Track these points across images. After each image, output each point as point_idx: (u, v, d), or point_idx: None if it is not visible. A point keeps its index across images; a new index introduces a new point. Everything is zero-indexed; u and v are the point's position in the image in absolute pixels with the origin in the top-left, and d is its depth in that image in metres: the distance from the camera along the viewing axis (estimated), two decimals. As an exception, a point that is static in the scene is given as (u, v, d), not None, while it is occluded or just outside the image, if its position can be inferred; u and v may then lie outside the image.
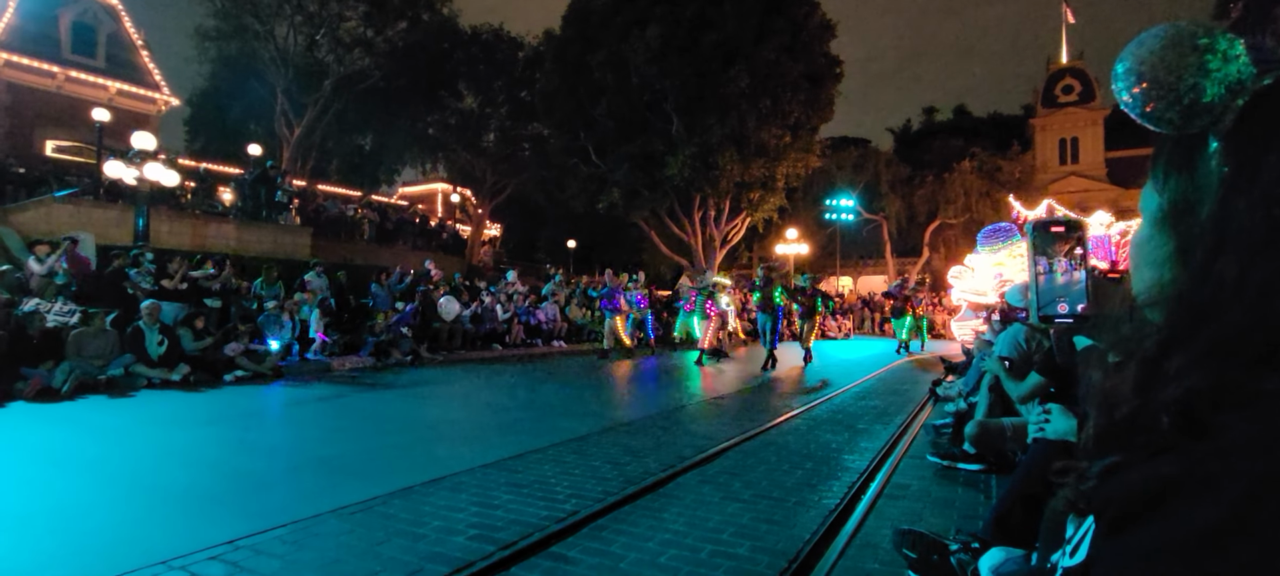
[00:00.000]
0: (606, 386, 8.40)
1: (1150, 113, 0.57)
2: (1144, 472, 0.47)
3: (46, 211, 12.20)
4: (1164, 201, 0.59)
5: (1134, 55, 0.58)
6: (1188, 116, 0.53)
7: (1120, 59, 0.59)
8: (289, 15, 22.01)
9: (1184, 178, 0.56)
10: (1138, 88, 0.57)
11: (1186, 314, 0.51)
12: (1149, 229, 0.63)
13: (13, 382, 6.63)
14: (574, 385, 8.51)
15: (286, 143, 22.97)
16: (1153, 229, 0.62)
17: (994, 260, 20.78)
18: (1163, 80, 0.54)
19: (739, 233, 24.22)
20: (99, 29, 20.54)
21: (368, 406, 6.73)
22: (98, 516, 3.14)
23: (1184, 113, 0.53)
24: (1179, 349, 0.50)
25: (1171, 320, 0.53)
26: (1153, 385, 0.51)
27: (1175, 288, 0.54)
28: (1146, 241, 0.63)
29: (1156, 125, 0.57)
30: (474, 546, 2.72)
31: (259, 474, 4.00)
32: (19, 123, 18.82)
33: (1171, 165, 0.58)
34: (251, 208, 15.72)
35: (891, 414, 6.30)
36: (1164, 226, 0.59)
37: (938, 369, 9.75)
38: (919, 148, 36.51)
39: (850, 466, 4.17)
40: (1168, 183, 0.58)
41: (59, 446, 4.79)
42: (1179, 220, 0.56)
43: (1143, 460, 0.49)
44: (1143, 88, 0.57)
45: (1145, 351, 0.55)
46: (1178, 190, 0.56)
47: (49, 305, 8.11)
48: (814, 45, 21.82)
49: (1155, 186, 0.60)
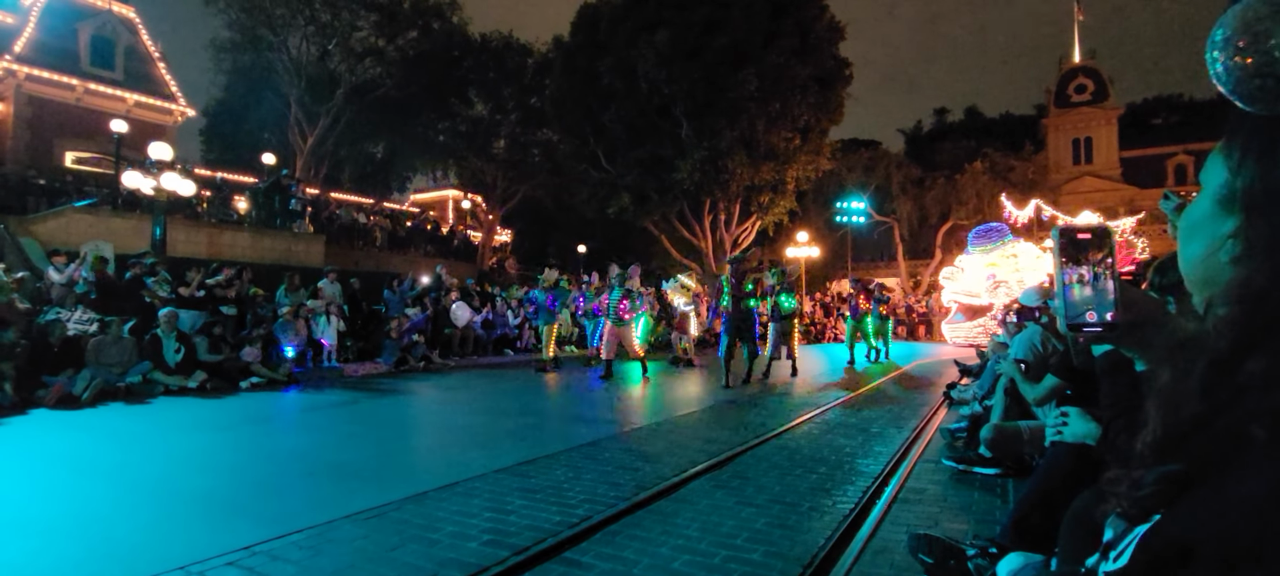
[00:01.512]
0: (618, 392, 8.39)
1: (1243, 86, 0.53)
2: (1227, 493, 0.43)
3: (66, 221, 12.40)
4: (1237, 183, 0.55)
5: (1233, 23, 0.54)
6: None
7: (1218, 26, 0.55)
8: (302, 26, 22.29)
9: (1268, 162, 0.51)
10: (1234, 58, 0.53)
11: (1268, 313, 0.47)
12: (1209, 205, 0.59)
13: (35, 390, 6.75)
14: (586, 390, 8.51)
15: (300, 151, 23.22)
16: (1214, 206, 0.58)
17: (986, 261, 20.47)
18: (1263, 51, 0.50)
19: (749, 236, 24.16)
20: (117, 42, 20.90)
21: (381, 412, 6.77)
22: (118, 522, 3.18)
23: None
24: (1260, 352, 0.46)
25: (1248, 319, 0.49)
26: (1224, 388, 0.49)
27: (1251, 284, 0.49)
28: (1204, 216, 0.60)
29: (1249, 101, 0.53)
30: (487, 551, 2.73)
31: (274, 480, 4.03)
32: (40, 135, 19.17)
33: (1255, 146, 0.54)
34: (266, 216, 15.90)
35: (906, 417, 6.25)
36: (1228, 206, 0.55)
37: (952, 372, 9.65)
38: (930, 149, 36.30)
39: (864, 471, 4.13)
40: (1245, 164, 0.54)
41: (80, 453, 4.85)
42: (1260, 208, 0.51)
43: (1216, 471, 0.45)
44: (1238, 59, 0.52)
45: (1216, 352, 0.51)
46: (1259, 175, 0.52)
47: (69, 314, 8.23)
48: (823, 48, 21.78)
49: (1228, 164, 0.56)
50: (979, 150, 31.24)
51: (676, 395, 8.18)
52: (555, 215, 29.38)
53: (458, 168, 27.98)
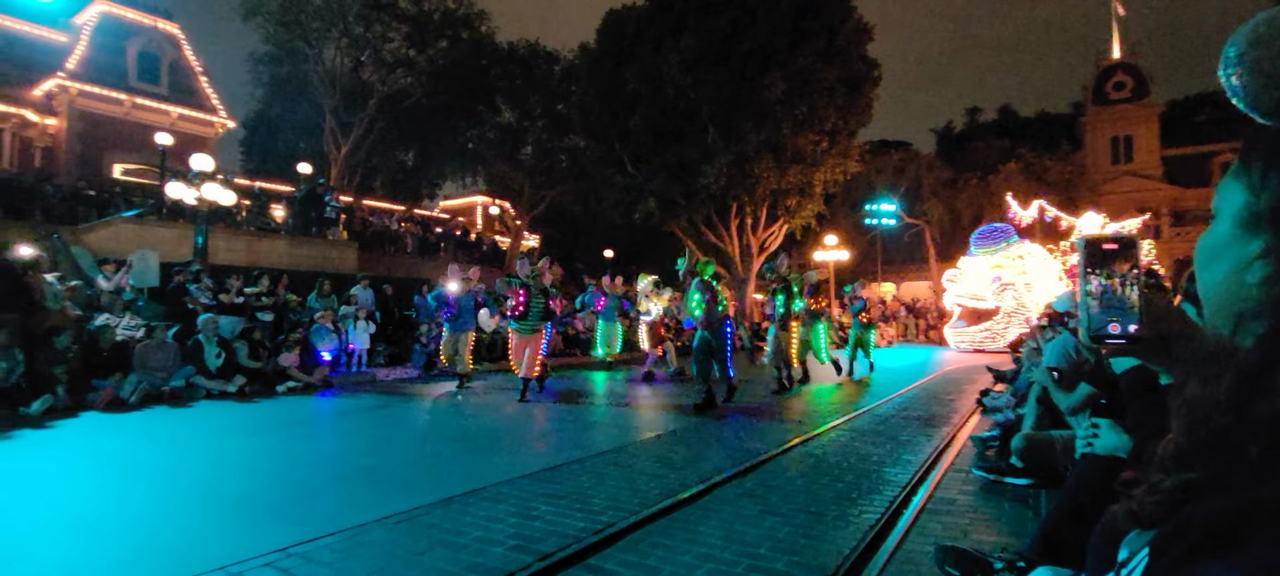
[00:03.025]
0: (643, 398, 8.41)
1: (1262, 100, 0.52)
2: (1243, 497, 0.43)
3: (115, 231, 12.93)
4: (1261, 201, 0.54)
5: (1246, 38, 0.53)
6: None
7: (1230, 42, 0.54)
8: (336, 38, 22.89)
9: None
10: (1249, 72, 0.52)
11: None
12: (1229, 227, 0.59)
13: (86, 393, 7.05)
14: (611, 395, 8.55)
15: (334, 160, 23.81)
16: (1235, 227, 0.58)
17: (990, 263, 19.87)
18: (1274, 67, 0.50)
19: (777, 239, 23.99)
20: (162, 57, 21.74)
21: (411, 416, 6.91)
22: (161, 521, 3.31)
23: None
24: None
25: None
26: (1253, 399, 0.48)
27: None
28: (1225, 241, 0.59)
29: (1270, 115, 0.52)
30: (513, 557, 2.77)
31: (308, 483, 4.15)
32: (90, 148, 20.04)
33: (1275, 162, 0.53)
34: (302, 224, 16.35)
35: (936, 425, 6.14)
36: (1252, 227, 0.54)
37: (986, 378, 9.46)
38: (962, 150, 35.61)
39: (892, 480, 4.08)
40: (1270, 180, 0.53)
41: (127, 454, 5.06)
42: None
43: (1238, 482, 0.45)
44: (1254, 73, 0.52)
45: (1245, 363, 0.51)
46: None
47: (118, 319, 8.58)
48: (850, 49, 21.55)
49: (1247, 183, 0.56)
50: (1013, 150, 30.57)
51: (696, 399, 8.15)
52: (582, 220, 29.60)
53: (486, 174, 28.41)
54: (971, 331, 19.06)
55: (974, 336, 18.91)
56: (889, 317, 25.21)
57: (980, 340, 18.64)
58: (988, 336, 18.60)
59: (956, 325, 19.82)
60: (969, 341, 18.92)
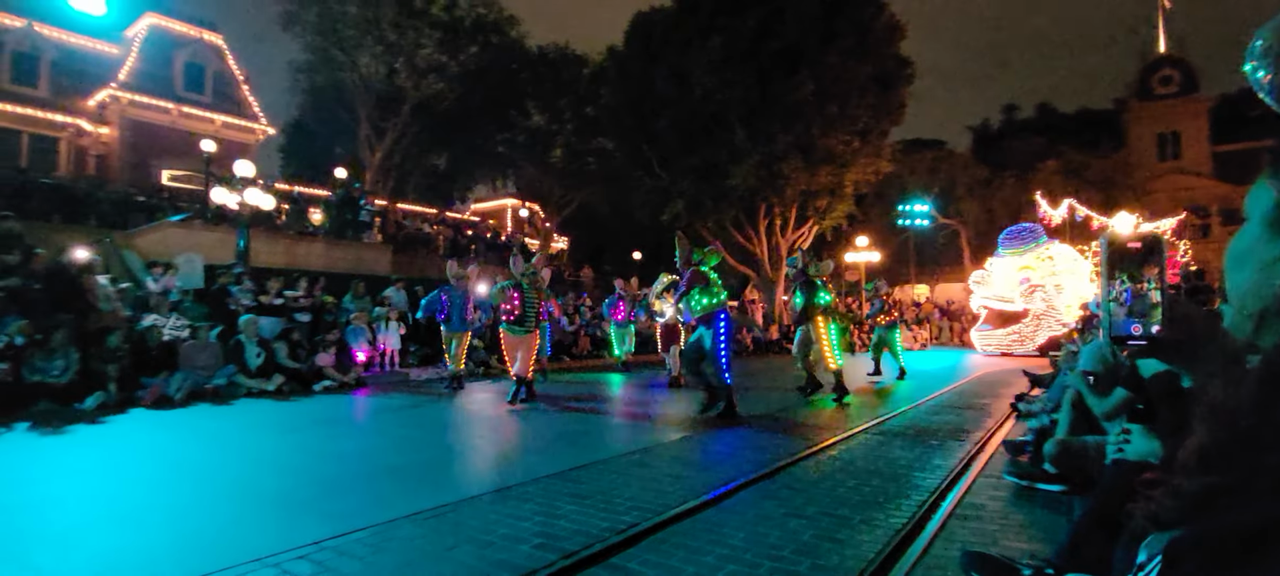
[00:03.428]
0: (669, 399, 8.42)
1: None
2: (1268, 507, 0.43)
3: (163, 235, 13.46)
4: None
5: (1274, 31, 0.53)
6: None
7: (1256, 36, 0.54)
8: (371, 45, 23.47)
9: None
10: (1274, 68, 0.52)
11: None
12: (1260, 229, 0.58)
13: (134, 391, 7.36)
14: (637, 396, 8.58)
15: (369, 165, 24.40)
16: (1264, 230, 0.57)
17: (1018, 264, 19.20)
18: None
19: (806, 241, 23.76)
20: (207, 67, 22.57)
21: (441, 416, 7.04)
22: (204, 514, 3.45)
23: None
24: None
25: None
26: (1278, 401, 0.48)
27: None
28: (1257, 243, 0.59)
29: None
30: (538, 554, 2.82)
31: (342, 479, 4.27)
32: (139, 155, 20.91)
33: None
34: (338, 227, 16.79)
35: (968, 429, 6.02)
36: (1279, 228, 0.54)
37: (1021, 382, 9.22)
38: (999, 148, 34.76)
39: (920, 484, 4.02)
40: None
41: (172, 450, 5.27)
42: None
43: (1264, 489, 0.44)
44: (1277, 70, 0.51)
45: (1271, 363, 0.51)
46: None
47: (165, 320, 8.94)
48: (882, 47, 21.25)
49: (1276, 185, 0.55)
50: (1052, 148, 29.69)
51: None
52: (610, 222, 29.75)
53: (516, 177, 28.78)
54: (998, 334, 18.53)
55: (1001, 339, 18.38)
56: (923, 320, 24.71)
57: (1008, 343, 18.11)
58: (1016, 339, 18.05)
59: (982, 328, 19.29)
60: (996, 345, 18.41)
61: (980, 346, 18.93)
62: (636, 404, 8.03)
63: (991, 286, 19.05)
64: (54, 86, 20.41)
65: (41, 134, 20.19)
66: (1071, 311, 17.64)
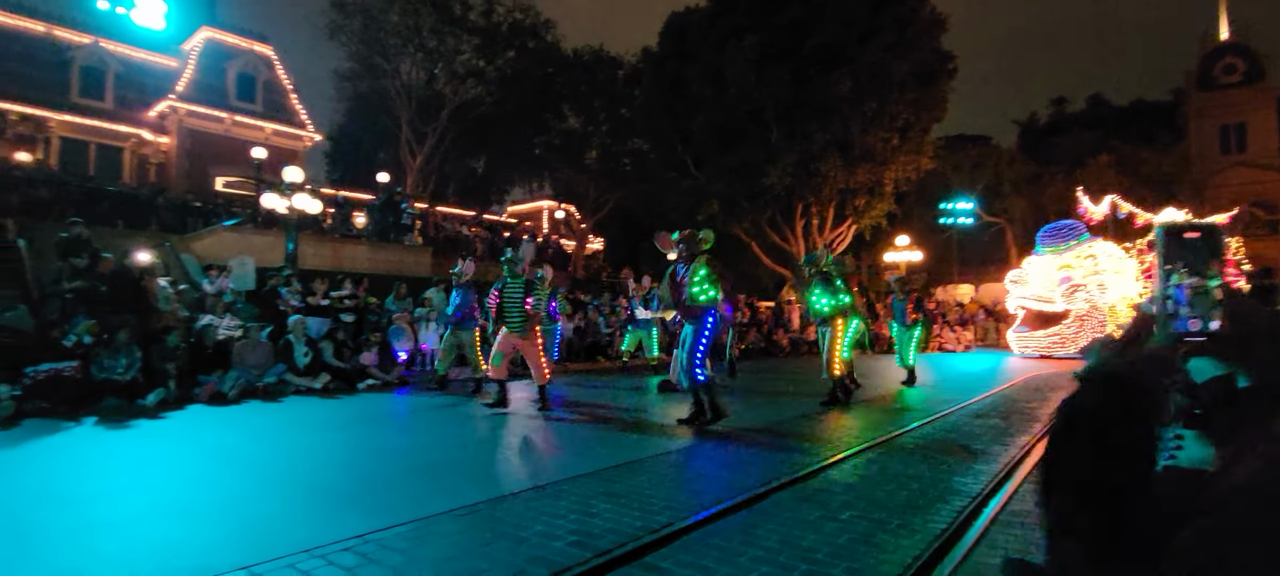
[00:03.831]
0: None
1: None
2: None
3: (217, 239, 14.05)
4: None
5: None
6: None
7: None
8: (412, 53, 24.06)
9: None
10: None
11: None
12: None
13: (191, 388, 7.72)
14: (672, 397, 8.57)
15: (410, 169, 25.00)
16: None
17: (1058, 262, 18.26)
18: None
19: (845, 241, 23.38)
20: (258, 78, 23.48)
21: (479, 414, 7.17)
22: (255, 507, 3.60)
23: None
24: None
25: None
26: None
27: None
28: None
29: None
30: (572, 552, 2.86)
31: (384, 475, 4.40)
32: (196, 162, 21.89)
33: None
34: (380, 230, 17.25)
35: (1013, 433, 5.84)
36: None
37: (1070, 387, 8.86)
38: (1047, 143, 33.56)
39: (962, 489, 3.93)
40: None
41: (226, 444, 5.52)
42: None
43: None
44: None
45: None
46: None
47: (220, 320, 9.35)
48: (923, 42, 20.76)
49: None
50: (1104, 142, 28.49)
51: (762, 405, 8.07)
52: (646, 222, 29.80)
53: (552, 179, 29.08)
54: (1037, 336, 17.73)
55: (1040, 341, 17.59)
56: (966, 321, 24.01)
57: (1048, 345, 17.31)
58: (1056, 341, 17.24)
59: (1019, 329, 18.52)
60: (1035, 347, 17.63)
61: (1017, 348, 18.21)
62: (670, 406, 8.03)
63: (1030, 286, 18.28)
64: (118, 99, 21.53)
65: (107, 144, 21.31)
66: (1116, 312, 16.86)
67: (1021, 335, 18.20)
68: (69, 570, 2.66)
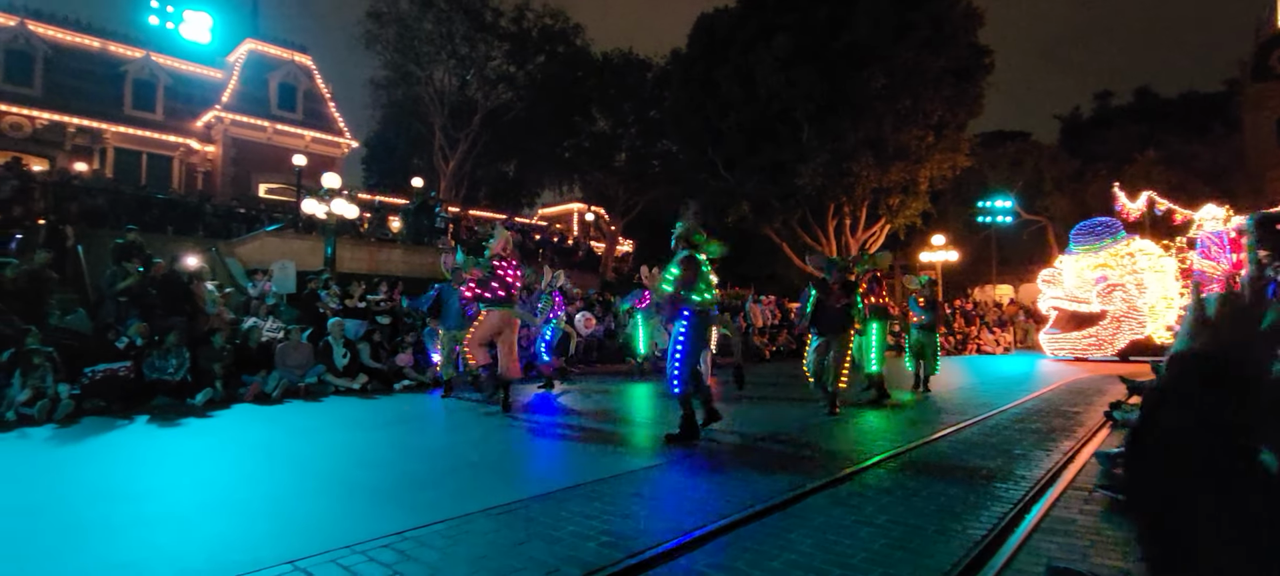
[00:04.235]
0: (737, 402, 8.35)
1: None
2: None
3: (261, 243, 14.52)
4: None
5: None
6: None
7: None
8: (445, 60, 24.54)
9: None
10: None
11: None
12: None
13: (237, 388, 7.99)
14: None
15: (443, 174, 25.46)
16: None
17: (1094, 261, 17.46)
18: None
19: (878, 240, 23.00)
20: (298, 87, 24.19)
21: (512, 414, 7.26)
22: (298, 503, 3.72)
23: None
24: None
25: None
26: None
27: None
28: None
29: None
30: (605, 552, 2.88)
31: (421, 473, 4.49)
32: (240, 170, 22.66)
33: None
34: (415, 233, 17.61)
35: (1056, 438, 5.67)
36: None
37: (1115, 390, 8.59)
38: (1091, 138, 32.47)
39: (1002, 495, 3.83)
40: None
41: (270, 442, 5.70)
42: None
43: None
44: None
45: None
46: None
47: (263, 322, 9.65)
48: (958, 37, 20.31)
49: None
50: (1152, 136, 27.43)
51: (791, 408, 7.99)
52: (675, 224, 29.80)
53: (582, 182, 29.29)
54: (1071, 337, 17.06)
55: (1074, 343, 16.94)
56: (1006, 322, 23.37)
57: (1084, 347, 16.66)
58: (1093, 343, 16.55)
59: (1051, 331, 17.84)
60: (1068, 349, 16.97)
61: (1050, 350, 17.57)
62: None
63: (1063, 286, 17.63)
64: (168, 110, 22.43)
65: (157, 154, 22.22)
66: (1156, 313, 16.16)
67: (1054, 337, 17.57)
68: (127, 563, 2.79)
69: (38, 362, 6.55)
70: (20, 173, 13.65)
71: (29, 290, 8.06)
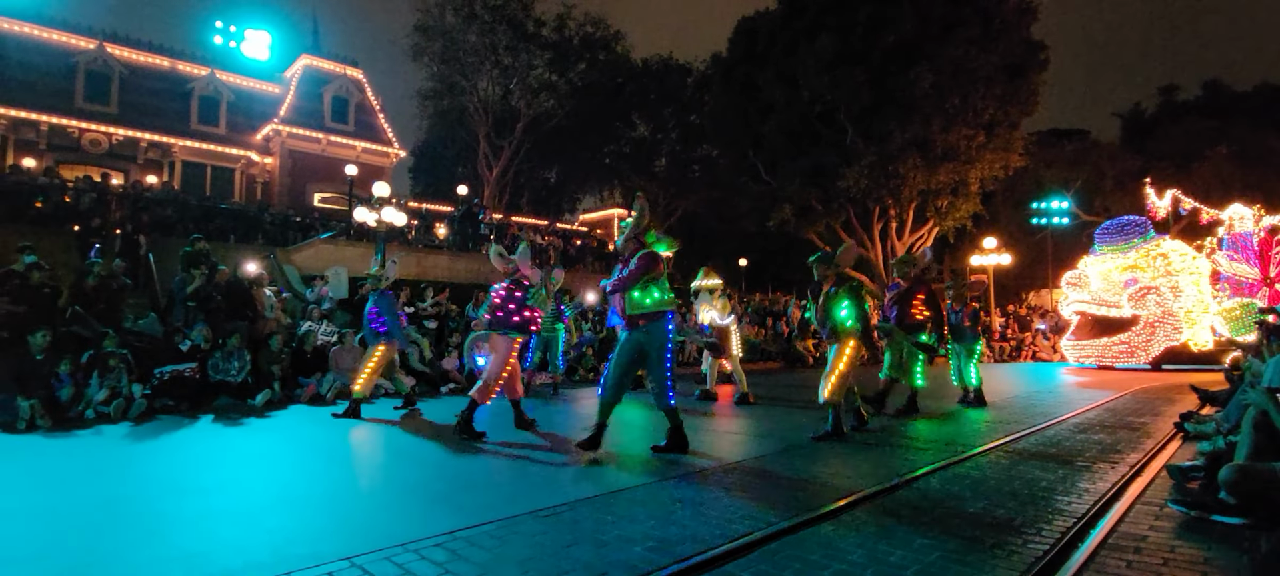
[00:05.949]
0: (782, 405, 8.25)
1: None
2: None
3: (315, 251, 15.08)
4: None
5: None
6: None
7: None
8: (489, 70, 25.10)
9: None
10: None
11: None
12: None
13: (293, 389, 8.31)
14: (746, 407, 8.46)
15: (487, 181, 25.99)
16: None
17: (1123, 263, 16.25)
18: None
19: (925, 243, 22.39)
20: (350, 100, 25.08)
21: (554, 419, 7.34)
22: (352, 501, 3.84)
23: None
24: None
25: None
26: None
27: None
28: None
29: None
30: (651, 557, 2.87)
31: (469, 475, 4.58)
32: (296, 181, 23.62)
33: None
34: (460, 240, 18.00)
35: (1121, 450, 5.40)
36: None
37: (1185, 400, 8.15)
38: (1154, 135, 30.91)
39: (1064, 509, 3.67)
40: None
41: (325, 442, 5.90)
42: None
43: None
44: None
45: None
46: None
47: (318, 327, 10.02)
48: (1011, 33, 19.65)
49: None
50: (1223, 132, 25.92)
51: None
52: (716, 229, 29.67)
53: (622, 187, 29.47)
54: (1098, 344, 15.86)
55: (1101, 349, 15.80)
56: (1062, 328, 22.41)
57: (1114, 354, 15.56)
58: (1124, 349, 15.39)
59: (1074, 337, 16.65)
60: (1095, 355, 15.83)
61: (1073, 358, 16.44)
62: (749, 413, 7.93)
63: (1089, 289, 16.50)
64: (230, 124, 23.55)
65: (220, 166, 23.35)
66: (1191, 317, 15.08)
67: (1077, 344, 16.45)
68: (198, 554, 2.93)
69: (114, 364, 6.96)
70: (98, 186, 14.55)
71: (107, 295, 8.58)
